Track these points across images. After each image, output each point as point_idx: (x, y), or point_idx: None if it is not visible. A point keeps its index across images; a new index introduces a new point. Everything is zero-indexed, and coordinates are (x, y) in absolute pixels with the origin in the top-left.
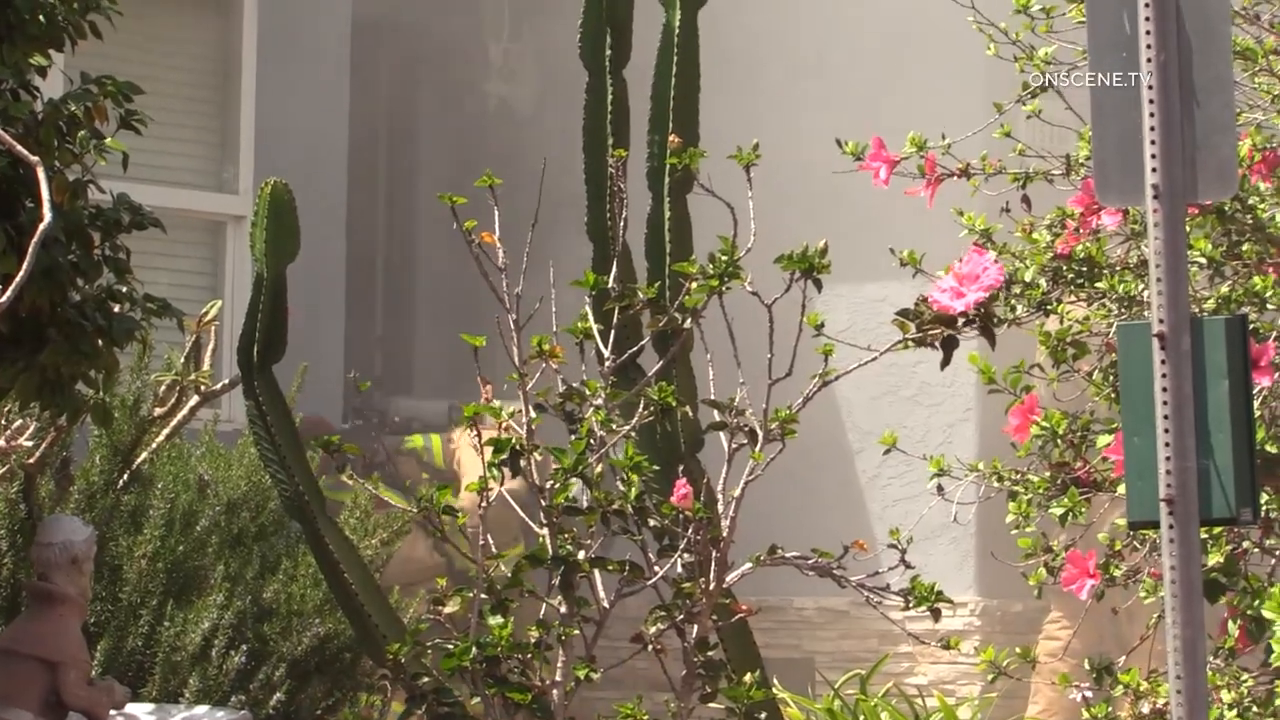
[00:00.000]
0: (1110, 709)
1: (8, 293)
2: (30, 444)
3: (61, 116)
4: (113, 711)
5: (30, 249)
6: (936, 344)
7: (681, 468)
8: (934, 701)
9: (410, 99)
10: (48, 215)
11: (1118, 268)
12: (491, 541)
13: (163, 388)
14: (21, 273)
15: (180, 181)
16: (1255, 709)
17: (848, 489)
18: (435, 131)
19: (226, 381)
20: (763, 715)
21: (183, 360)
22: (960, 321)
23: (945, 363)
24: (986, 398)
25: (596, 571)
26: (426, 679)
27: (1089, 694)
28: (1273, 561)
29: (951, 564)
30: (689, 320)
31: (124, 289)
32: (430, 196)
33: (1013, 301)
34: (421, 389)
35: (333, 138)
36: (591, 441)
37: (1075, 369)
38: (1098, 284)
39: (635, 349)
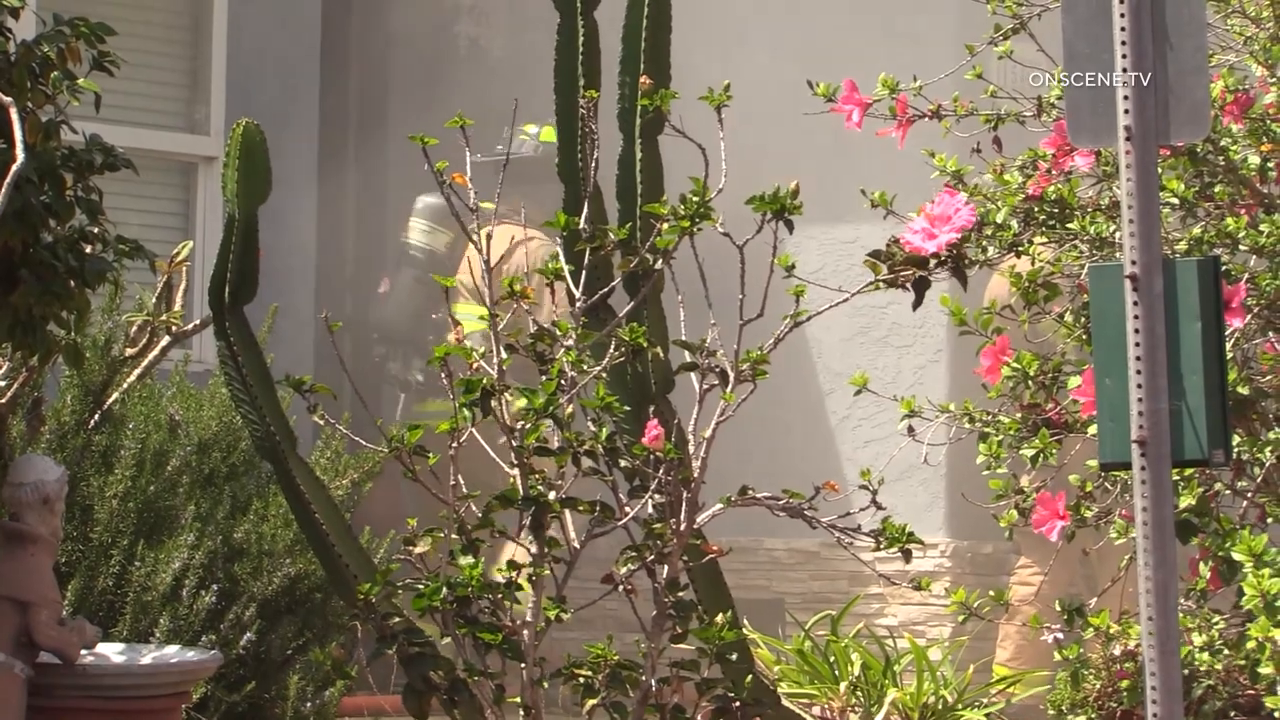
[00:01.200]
0: (1081, 651)
1: None
2: (2, 384)
3: (34, 58)
4: (84, 651)
5: (3, 190)
6: (908, 285)
7: (652, 408)
8: (905, 643)
9: (382, 40)
10: (20, 156)
11: (1090, 209)
12: (463, 481)
13: (134, 328)
14: None
15: (152, 123)
16: (1226, 651)
17: (818, 430)
18: (406, 73)
19: (198, 322)
20: (733, 656)
21: (154, 301)
22: (932, 263)
23: (917, 303)
24: (957, 339)
25: (567, 512)
26: (397, 619)
27: (1060, 636)
28: (1244, 503)
29: (922, 505)
30: (660, 261)
31: (96, 230)
32: (401, 137)
33: (984, 243)
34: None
35: (305, 78)
36: (562, 382)
37: (1046, 310)
38: (1069, 225)
39: (606, 290)
